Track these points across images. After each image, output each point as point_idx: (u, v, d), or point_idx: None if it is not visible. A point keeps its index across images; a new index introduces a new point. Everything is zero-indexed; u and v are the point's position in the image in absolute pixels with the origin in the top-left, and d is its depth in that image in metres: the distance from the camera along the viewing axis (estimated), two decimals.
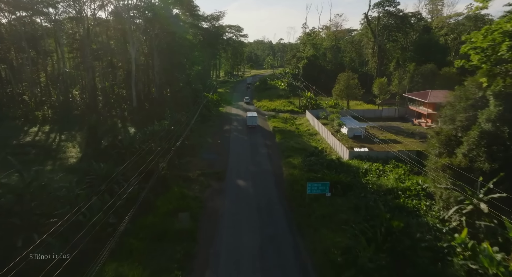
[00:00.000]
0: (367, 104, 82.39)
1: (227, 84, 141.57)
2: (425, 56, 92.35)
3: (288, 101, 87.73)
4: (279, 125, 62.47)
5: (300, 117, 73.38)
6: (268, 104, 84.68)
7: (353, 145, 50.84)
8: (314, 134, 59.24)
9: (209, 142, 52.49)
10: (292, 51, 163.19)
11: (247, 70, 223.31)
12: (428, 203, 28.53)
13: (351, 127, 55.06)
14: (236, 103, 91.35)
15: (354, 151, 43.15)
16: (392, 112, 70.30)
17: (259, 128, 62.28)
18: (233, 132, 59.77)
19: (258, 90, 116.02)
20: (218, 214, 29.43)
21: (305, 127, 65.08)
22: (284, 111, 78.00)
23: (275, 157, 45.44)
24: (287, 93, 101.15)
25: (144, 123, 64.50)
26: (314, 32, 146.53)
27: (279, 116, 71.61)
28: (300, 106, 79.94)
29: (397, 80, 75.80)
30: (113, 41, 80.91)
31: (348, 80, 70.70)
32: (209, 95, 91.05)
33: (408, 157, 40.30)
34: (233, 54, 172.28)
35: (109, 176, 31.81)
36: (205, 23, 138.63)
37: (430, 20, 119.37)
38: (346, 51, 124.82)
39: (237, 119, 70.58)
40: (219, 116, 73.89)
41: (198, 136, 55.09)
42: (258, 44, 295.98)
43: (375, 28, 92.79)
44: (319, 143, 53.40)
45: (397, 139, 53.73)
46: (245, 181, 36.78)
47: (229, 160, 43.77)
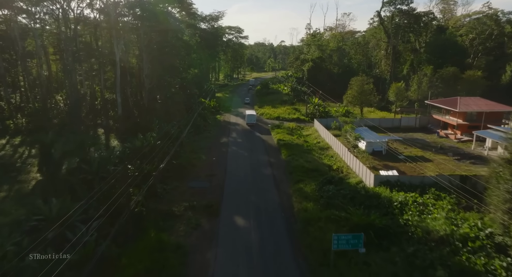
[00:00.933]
0: (380, 112, 74.07)
1: (227, 88, 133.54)
2: (442, 58, 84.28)
3: (293, 107, 79.46)
4: (285, 137, 54.14)
5: (308, 127, 65.11)
6: (271, 111, 76.41)
7: (374, 163, 42.49)
8: (325, 149, 50.90)
9: (202, 160, 44.15)
10: (295, 53, 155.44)
11: (248, 73, 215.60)
12: (504, 263, 20.14)
13: (370, 141, 46.72)
14: (236, 110, 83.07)
15: (381, 175, 34.76)
16: (412, 122, 61.95)
17: (261, 141, 53.95)
18: (231, 145, 51.45)
19: (259, 94, 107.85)
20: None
21: (314, 139, 56.78)
22: (289, 120, 69.73)
23: (282, 181, 37.07)
24: (291, 99, 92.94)
25: (131, 134, 56.46)
26: (319, 33, 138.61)
27: (283, 125, 63.32)
28: (307, 114, 71.68)
29: (416, 84, 67.53)
30: (101, 41, 72.87)
31: (362, 85, 62.51)
32: (205, 101, 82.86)
33: (449, 182, 32.03)
34: (233, 56, 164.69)
35: (63, 216, 23.65)
36: (203, 24, 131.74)
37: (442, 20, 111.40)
38: (351, 53, 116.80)
39: (236, 130, 62.27)
40: (216, 125, 65.61)
41: (189, 151, 46.78)
42: (259, 46, 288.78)
43: (389, 28, 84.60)
44: (332, 161, 45.06)
45: (425, 155, 45.39)
46: (244, 219, 28.41)
47: (226, 186, 35.40)
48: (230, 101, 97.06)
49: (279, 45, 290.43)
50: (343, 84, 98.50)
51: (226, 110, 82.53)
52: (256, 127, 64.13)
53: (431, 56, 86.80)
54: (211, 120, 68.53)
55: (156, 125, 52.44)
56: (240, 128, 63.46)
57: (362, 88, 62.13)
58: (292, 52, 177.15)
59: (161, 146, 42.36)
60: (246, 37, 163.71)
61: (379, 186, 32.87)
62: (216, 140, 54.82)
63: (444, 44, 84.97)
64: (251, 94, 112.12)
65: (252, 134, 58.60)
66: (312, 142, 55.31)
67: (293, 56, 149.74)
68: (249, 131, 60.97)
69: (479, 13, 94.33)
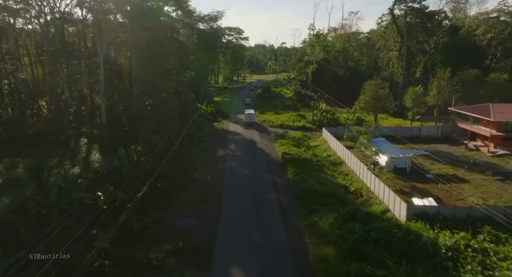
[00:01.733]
0: (394, 118, 67.05)
1: (226, 91, 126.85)
2: (458, 59, 77.47)
3: (298, 114, 72.54)
4: (290, 150, 47.18)
5: (315, 136, 58.19)
6: (274, 118, 69.47)
7: (399, 184, 35.51)
8: (338, 164, 43.96)
9: (194, 180, 37.19)
10: (297, 54, 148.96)
11: (248, 75, 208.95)
12: None
13: (392, 157, 39.75)
14: (235, 116, 76.17)
15: (416, 205, 27.71)
16: (433, 131, 54.95)
17: (264, 155, 46.99)
18: (229, 160, 44.48)
19: (260, 98, 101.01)
20: None
21: (324, 152, 49.87)
22: (294, 128, 62.78)
23: (291, 210, 30.06)
24: (295, 103, 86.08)
25: (117, 145, 49.69)
26: (322, 34, 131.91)
27: (288, 135, 56.37)
28: (314, 121, 64.74)
29: (435, 89, 60.60)
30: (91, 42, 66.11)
31: (377, 90, 55.61)
32: (202, 106, 76.06)
33: (505, 215, 25.23)
34: (233, 58, 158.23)
35: None
36: (201, 24, 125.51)
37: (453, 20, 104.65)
38: (355, 54, 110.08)
39: (235, 140, 55.32)
40: (213, 134, 58.68)
41: (180, 168, 39.84)
42: (259, 48, 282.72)
43: (403, 27, 77.75)
44: (348, 180, 38.13)
45: (458, 173, 38.40)
46: (244, 271, 21.42)
47: (221, 218, 28.42)
48: (229, 106, 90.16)
49: (280, 47, 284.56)
50: (350, 88, 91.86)
51: (224, 116, 75.68)
52: (257, 136, 57.27)
53: (447, 58, 79.96)
54: (207, 128, 61.64)
55: (143, 136, 45.63)
56: (239, 138, 56.53)
57: (377, 93, 55.25)
58: (294, 53, 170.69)
59: (145, 162, 35.58)
60: (246, 38, 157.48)
61: (414, 221, 25.90)
62: (212, 153, 47.89)
63: (461, 45, 78.12)
64: (252, 95, 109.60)
65: (253, 146, 51.69)
66: (322, 155, 48.38)
67: (295, 57, 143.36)
68: (250, 142, 54.08)
69: (497, 11, 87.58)
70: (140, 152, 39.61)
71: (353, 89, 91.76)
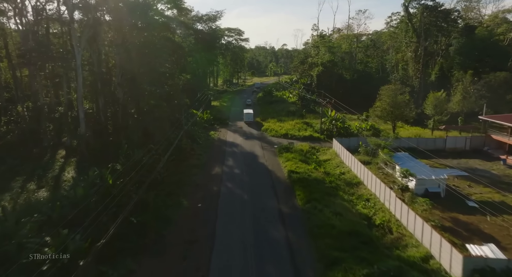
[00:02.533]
0: (411, 127, 60.01)
1: (225, 95, 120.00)
2: (479, 61, 70.73)
3: (303, 121, 65.51)
4: (298, 167, 40.17)
5: (325, 148, 51.24)
6: (277, 126, 62.44)
7: (435, 215, 28.51)
8: (354, 184, 36.96)
9: (181, 209, 30.19)
10: (300, 56, 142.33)
11: (248, 78, 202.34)
12: None
13: (421, 179, 32.77)
14: (234, 124, 69.25)
15: (476, 258, 20.66)
16: (461, 143, 47.94)
17: (266, 173, 39.97)
18: (226, 181, 37.45)
19: (262, 103, 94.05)
20: None
21: (336, 168, 42.91)
22: (300, 138, 55.76)
23: (304, 258, 22.96)
24: (299, 109, 79.16)
25: (98, 159, 43.00)
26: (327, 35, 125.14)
27: (294, 147, 49.35)
28: (322, 131, 57.72)
29: (460, 94, 53.67)
30: None
31: (395, 96, 48.65)
32: (198, 113, 69.15)
33: None
34: (233, 60, 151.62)
35: None
36: (200, 25, 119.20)
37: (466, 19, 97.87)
38: (359, 56, 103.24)
39: (234, 154, 48.33)
40: (209, 146, 51.70)
41: (166, 193, 32.85)
42: (259, 50, 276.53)
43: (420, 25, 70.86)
44: (370, 208, 31.19)
45: (506, 200, 31.37)
46: None
47: (211, 272, 21.37)
48: (228, 112, 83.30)
49: (280, 49, 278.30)
50: (358, 92, 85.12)
51: (222, 123, 68.72)
52: (258, 148, 50.33)
53: (465, 59, 73.17)
54: (202, 139, 54.66)
55: (125, 150, 38.78)
56: (238, 151, 49.56)
57: (395, 99, 48.29)
58: (296, 55, 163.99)
59: (121, 188, 28.71)
60: (246, 40, 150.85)
61: None
62: (207, 171, 40.88)
63: (481, 45, 71.35)
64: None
65: (254, 161, 44.69)
66: (334, 172, 41.40)
67: (297, 59, 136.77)
68: (250, 156, 47.12)
69: None
70: (118, 173, 32.80)
71: (362, 93, 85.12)
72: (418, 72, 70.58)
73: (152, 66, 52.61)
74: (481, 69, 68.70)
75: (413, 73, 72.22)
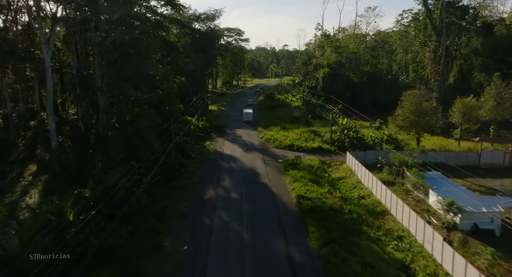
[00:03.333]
0: (432, 137, 52.83)
1: (224, 98, 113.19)
2: (504, 62, 63.83)
3: (310, 130, 58.44)
4: (309, 190, 33.13)
5: (337, 163, 44.27)
6: (280, 135, 55.39)
7: (501, 269, 21.49)
8: (380, 214, 29.95)
9: (161, 255, 23.11)
10: (302, 57, 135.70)
11: (248, 79, 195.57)
12: None
13: (469, 212, 25.74)
14: (233, 132, 62.23)
15: None
16: (498, 157, 40.85)
17: (271, 198, 32.90)
18: (220, 210, 30.35)
19: (263, 107, 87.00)
20: None
21: (353, 190, 35.94)
22: (308, 151, 48.73)
23: None
24: (305, 115, 72.20)
25: (73, 179, 36.42)
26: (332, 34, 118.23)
27: (302, 163, 42.28)
28: (332, 142, 50.65)
29: (493, 100, 46.68)
30: None
31: (420, 103, 41.65)
32: (193, 119, 62.21)
33: None
34: (232, 61, 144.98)
35: None
36: (198, 24, 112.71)
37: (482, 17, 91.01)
38: (366, 57, 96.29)
39: (231, 170, 41.28)
40: (203, 161, 44.60)
41: (142, 230, 25.74)
42: (260, 51, 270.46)
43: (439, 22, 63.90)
44: (404, 250, 24.19)
45: None
46: None
47: None
48: (226, 118, 76.35)
49: (281, 50, 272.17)
50: (367, 96, 78.35)
51: (219, 131, 61.68)
52: (260, 163, 43.35)
53: (488, 60, 66.22)
54: (196, 151, 47.61)
55: (99, 170, 31.84)
56: (237, 167, 42.51)
57: (420, 106, 41.30)
58: (299, 56, 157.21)
59: (81, 227, 21.96)
60: (247, 40, 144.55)
61: None
62: (198, 195, 33.81)
63: (508, 45, 64.36)
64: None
65: (255, 181, 37.62)
66: (352, 195, 34.44)
67: (300, 60, 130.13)
68: (251, 173, 40.07)
69: None
70: (86, 200, 25.91)
71: (372, 97, 78.31)
72: (437, 74, 63.55)
73: (138, 68, 45.80)
74: (506, 70, 61.88)
75: (432, 76, 65.13)
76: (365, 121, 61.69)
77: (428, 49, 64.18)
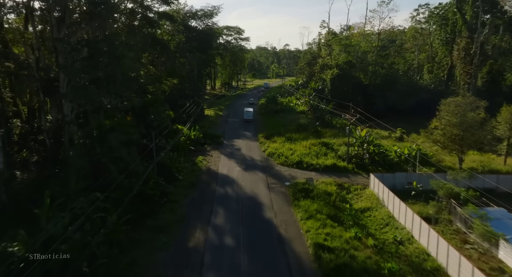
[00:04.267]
0: (471, 153, 43.92)
1: (222, 101, 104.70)
2: None
3: (320, 141, 49.75)
4: (329, 235, 24.60)
5: (357, 186, 35.79)
6: (286, 149, 46.75)
7: None
8: (432, 273, 21.46)
9: None
10: (306, 56, 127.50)
11: (249, 80, 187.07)
12: None
13: None
14: (231, 143, 53.68)
15: None
16: None
17: (280, 249, 24.24)
18: (209, 269, 21.81)
19: (264, 113, 78.31)
20: None
21: (385, 229, 27.46)
22: (320, 170, 40.10)
23: None
24: (312, 122, 63.63)
25: (25, 210, 28.06)
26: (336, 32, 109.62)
27: (315, 189, 33.63)
28: (349, 158, 42.01)
29: None
30: None
31: (464, 113, 33.13)
32: (184, 128, 53.57)
33: None
34: (232, 61, 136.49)
35: None
36: (195, 21, 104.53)
37: None
38: (374, 57, 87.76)
39: (226, 199, 32.67)
40: (192, 184, 35.96)
41: None
42: (261, 51, 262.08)
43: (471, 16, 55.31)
44: None
45: None
46: None
47: None
48: (224, 125, 67.88)
49: (283, 49, 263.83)
50: (382, 100, 70.12)
51: (215, 142, 53.14)
52: (262, 188, 34.89)
53: None
54: (184, 171, 38.99)
55: (46, 209, 23.52)
56: (234, 194, 33.96)
57: (465, 118, 32.81)
58: (302, 55, 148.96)
59: None
60: (247, 39, 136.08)
61: None
62: (180, 242, 25.12)
63: None
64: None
65: (257, 217, 29.06)
66: (384, 237, 25.97)
67: (303, 60, 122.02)
68: (251, 203, 31.55)
69: None
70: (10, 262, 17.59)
71: (387, 102, 70.07)
72: (467, 75, 54.98)
73: (113, 70, 37.37)
74: None
75: (461, 78, 56.45)
76: (381, 129, 53.33)
77: (456, 47, 55.62)
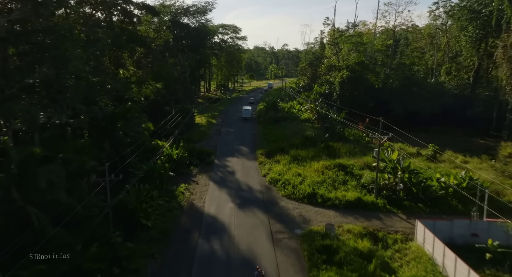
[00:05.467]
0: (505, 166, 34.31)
1: (217, 106, 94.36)
2: None
3: (336, 163, 39.27)
4: None
5: (393, 236, 25.59)
6: (293, 173, 36.22)
7: None
8: None
9: None
10: (308, 56, 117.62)
11: (246, 81, 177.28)
12: None
13: None
14: (224, 163, 43.34)
15: None
16: None
17: None
18: None
19: (263, 121, 67.70)
20: None
21: None
22: (341, 206, 30.00)
23: None
24: (321, 134, 53.51)
25: None
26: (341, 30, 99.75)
27: (342, 242, 23.53)
28: (378, 191, 31.79)
29: None
30: None
31: None
32: (166, 145, 43.08)
33: None
34: (228, 62, 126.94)
35: None
36: (186, 18, 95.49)
37: None
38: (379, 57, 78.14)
39: (212, 261, 22.35)
40: (165, 235, 25.50)
41: None
42: (258, 51, 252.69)
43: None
44: None
45: None
46: None
47: None
48: (216, 136, 57.60)
49: (281, 49, 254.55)
50: (400, 107, 60.53)
51: (204, 162, 42.84)
52: (264, 240, 24.84)
53: None
54: (156, 214, 28.45)
55: None
56: (223, 253, 23.66)
57: None
58: (303, 56, 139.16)
59: None
60: (244, 38, 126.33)
61: None
62: None
63: None
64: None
65: None
66: None
67: (305, 61, 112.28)
68: (247, 271, 21.37)
69: None
70: None
71: (406, 109, 60.46)
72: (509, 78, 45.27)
73: (59, 73, 27.16)
74: None
75: (508, 81, 46.55)
76: (403, 143, 43.57)
77: (501, 44, 45.92)
